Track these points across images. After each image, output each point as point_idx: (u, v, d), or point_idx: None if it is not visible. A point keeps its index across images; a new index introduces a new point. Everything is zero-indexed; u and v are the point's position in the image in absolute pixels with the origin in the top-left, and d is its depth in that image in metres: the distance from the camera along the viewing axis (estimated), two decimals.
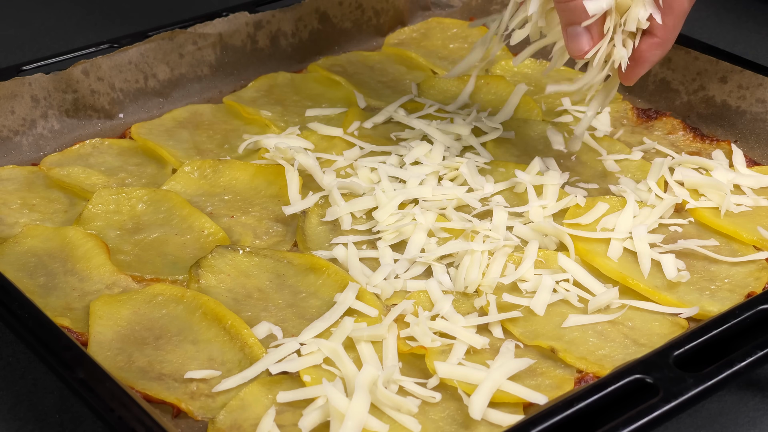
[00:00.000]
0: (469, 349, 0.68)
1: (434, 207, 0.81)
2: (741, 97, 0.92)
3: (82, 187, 0.86)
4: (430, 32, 1.12)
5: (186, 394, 0.65)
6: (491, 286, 0.73)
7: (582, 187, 0.86)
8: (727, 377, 0.59)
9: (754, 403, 0.69)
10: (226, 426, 0.63)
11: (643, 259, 0.76)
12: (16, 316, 0.64)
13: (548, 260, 0.76)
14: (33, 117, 0.93)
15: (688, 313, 0.71)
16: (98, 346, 0.69)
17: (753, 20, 1.23)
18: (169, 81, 1.00)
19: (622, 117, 0.96)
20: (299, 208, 0.82)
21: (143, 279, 0.76)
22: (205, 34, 1.01)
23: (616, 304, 0.72)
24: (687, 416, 0.68)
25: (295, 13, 1.07)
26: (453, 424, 0.63)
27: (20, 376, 0.72)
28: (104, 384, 0.59)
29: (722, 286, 0.74)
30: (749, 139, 0.91)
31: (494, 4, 1.13)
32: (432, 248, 0.77)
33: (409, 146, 0.89)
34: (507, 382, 0.64)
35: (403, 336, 0.69)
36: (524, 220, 0.80)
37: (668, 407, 0.57)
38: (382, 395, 0.63)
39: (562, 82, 0.86)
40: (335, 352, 0.67)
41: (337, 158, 0.89)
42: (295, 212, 0.82)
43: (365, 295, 0.72)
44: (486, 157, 0.89)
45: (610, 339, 0.69)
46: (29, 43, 1.18)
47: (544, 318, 0.71)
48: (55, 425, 0.68)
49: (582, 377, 0.66)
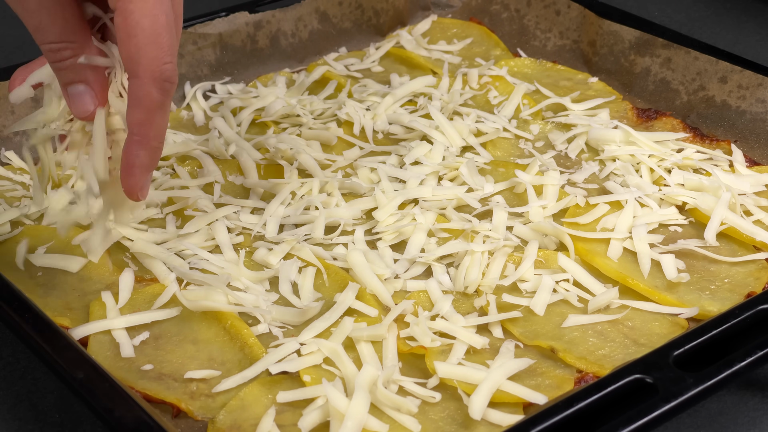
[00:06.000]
0: (469, 349, 0.68)
1: (434, 207, 0.81)
2: (741, 97, 0.92)
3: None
4: (430, 32, 1.12)
5: (186, 394, 0.65)
6: (491, 286, 0.73)
7: (582, 187, 0.86)
8: (727, 377, 0.59)
9: (754, 403, 0.69)
10: (226, 426, 0.63)
11: (643, 259, 0.76)
12: (16, 316, 0.64)
13: (548, 260, 0.76)
14: None
15: (688, 313, 0.71)
16: (98, 345, 0.69)
17: (753, 20, 1.23)
18: None
19: (622, 117, 0.96)
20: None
21: (143, 279, 0.76)
22: (205, 34, 1.01)
23: (616, 304, 0.72)
24: (687, 416, 0.68)
25: (295, 13, 1.07)
26: (453, 424, 0.63)
27: (20, 376, 0.72)
28: (104, 384, 0.59)
29: (722, 286, 0.74)
30: (749, 139, 0.91)
31: (494, 4, 1.13)
32: (432, 248, 0.77)
33: (409, 146, 0.89)
34: (507, 382, 0.64)
35: (403, 336, 0.69)
36: (524, 220, 0.80)
37: (668, 407, 0.57)
38: (382, 395, 0.63)
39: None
40: (335, 352, 0.67)
41: (337, 158, 0.89)
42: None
43: (365, 295, 0.72)
44: (486, 157, 0.89)
45: (610, 339, 0.69)
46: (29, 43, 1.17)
47: (544, 318, 0.71)
48: (55, 425, 0.68)
49: (582, 377, 0.66)
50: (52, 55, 0.63)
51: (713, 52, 0.95)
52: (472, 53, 1.09)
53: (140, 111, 0.61)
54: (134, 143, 0.63)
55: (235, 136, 0.91)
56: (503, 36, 1.11)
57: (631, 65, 1.00)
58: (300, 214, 0.81)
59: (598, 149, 0.90)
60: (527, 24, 1.10)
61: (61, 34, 0.62)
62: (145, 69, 0.60)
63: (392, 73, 1.03)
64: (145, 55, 0.60)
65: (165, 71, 0.60)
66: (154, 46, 0.59)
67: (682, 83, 0.96)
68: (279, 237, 0.79)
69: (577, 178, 0.86)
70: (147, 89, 0.61)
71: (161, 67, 0.60)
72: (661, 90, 0.98)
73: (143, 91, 0.61)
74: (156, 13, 0.59)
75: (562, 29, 1.07)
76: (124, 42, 0.60)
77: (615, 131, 0.90)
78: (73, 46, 0.63)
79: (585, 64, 1.05)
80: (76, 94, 0.64)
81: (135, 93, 0.61)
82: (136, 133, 0.62)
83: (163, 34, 0.59)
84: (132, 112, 0.62)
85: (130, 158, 0.63)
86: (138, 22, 0.59)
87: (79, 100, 0.65)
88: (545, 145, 0.92)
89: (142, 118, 0.62)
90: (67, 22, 0.62)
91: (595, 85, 1.01)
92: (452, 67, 1.05)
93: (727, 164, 0.88)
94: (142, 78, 0.60)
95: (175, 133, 0.92)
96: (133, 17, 0.59)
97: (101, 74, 0.65)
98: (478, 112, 0.95)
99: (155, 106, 0.61)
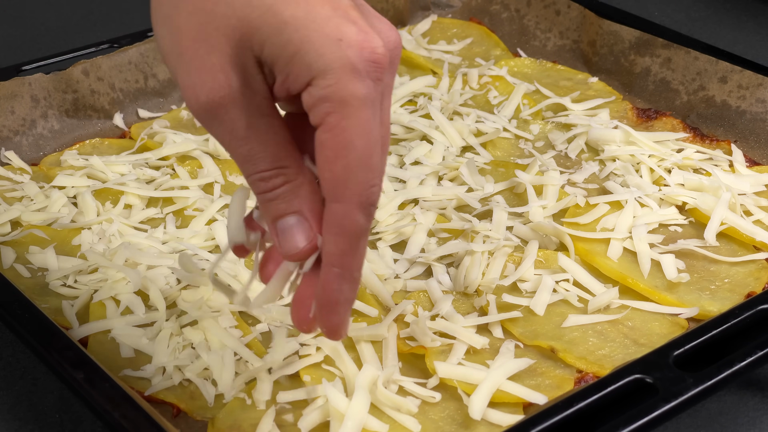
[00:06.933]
0: (469, 349, 0.68)
1: (434, 207, 0.81)
2: (741, 97, 0.92)
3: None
4: (430, 32, 1.12)
5: (186, 394, 0.65)
6: (491, 286, 0.73)
7: (582, 187, 0.86)
8: (726, 377, 0.59)
9: (754, 403, 0.69)
10: (226, 426, 0.63)
11: (643, 259, 0.76)
12: (16, 316, 0.64)
13: (548, 260, 0.76)
14: (33, 117, 0.93)
15: (688, 313, 0.71)
16: (98, 345, 0.69)
17: (753, 20, 1.23)
18: (169, 81, 1.00)
19: (622, 117, 0.96)
20: None
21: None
22: None
23: (616, 304, 0.72)
24: (687, 416, 0.68)
25: None
26: (453, 424, 0.63)
27: (20, 376, 0.72)
28: (104, 384, 0.59)
29: (722, 286, 0.74)
30: (749, 139, 0.91)
31: (494, 4, 1.13)
32: (432, 248, 0.77)
33: (409, 146, 0.89)
34: (507, 382, 0.64)
35: (403, 336, 0.69)
36: (524, 220, 0.80)
37: (668, 407, 0.57)
38: (382, 395, 0.63)
39: None
40: (336, 352, 0.67)
41: None
42: None
43: (365, 295, 0.72)
44: (486, 157, 0.89)
45: (610, 339, 0.69)
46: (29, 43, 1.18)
47: (544, 318, 0.71)
48: (55, 425, 0.68)
49: (582, 377, 0.66)
50: (262, 185, 0.54)
51: (713, 52, 0.95)
52: (472, 53, 1.09)
53: (343, 240, 0.53)
54: (336, 277, 0.54)
55: None
56: (503, 36, 1.11)
57: (631, 65, 1.00)
58: None
59: (598, 149, 0.90)
60: (527, 24, 1.10)
61: (273, 161, 0.54)
62: (352, 193, 0.52)
63: None
64: (354, 178, 0.52)
65: (372, 195, 0.53)
66: (365, 168, 0.52)
67: (682, 83, 0.96)
68: None
69: (577, 178, 0.86)
70: (353, 216, 0.52)
71: (369, 191, 0.52)
72: (661, 90, 0.98)
73: (349, 218, 0.52)
74: (369, 131, 0.51)
75: (562, 29, 1.07)
76: (330, 161, 0.51)
77: (615, 131, 0.90)
78: (286, 172, 0.54)
79: (585, 64, 1.05)
80: (287, 229, 0.55)
81: (338, 220, 0.53)
82: (337, 265, 0.54)
83: (374, 155, 0.52)
84: (333, 240, 0.53)
85: (332, 294, 0.55)
86: (351, 142, 0.51)
87: (289, 235, 0.55)
88: (545, 145, 0.92)
89: (345, 248, 0.53)
90: (279, 147, 0.54)
91: (595, 85, 1.01)
92: (452, 67, 1.05)
93: (727, 164, 0.88)
94: (348, 203, 0.52)
95: (175, 133, 0.92)
96: (345, 135, 0.51)
97: (317, 202, 0.55)
98: (478, 112, 0.95)
99: (360, 233, 0.53)
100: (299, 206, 0.55)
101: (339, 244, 0.53)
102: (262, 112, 0.53)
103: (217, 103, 0.52)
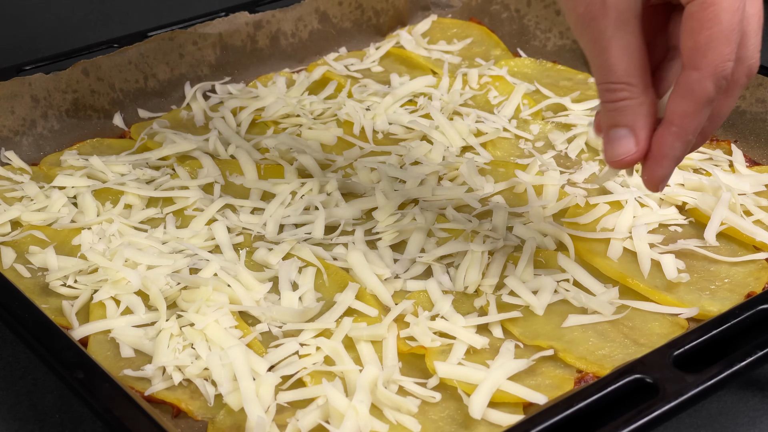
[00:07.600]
0: (469, 349, 0.68)
1: (434, 207, 0.81)
2: (741, 97, 0.92)
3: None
4: (430, 32, 1.12)
5: (186, 394, 0.65)
6: (491, 286, 0.73)
7: (582, 187, 0.86)
8: (727, 377, 0.59)
9: (754, 403, 0.69)
10: (226, 426, 0.63)
11: (643, 259, 0.76)
12: (16, 316, 0.64)
13: (548, 260, 0.76)
14: (33, 117, 0.93)
15: (688, 313, 0.71)
16: (98, 345, 0.69)
17: None
18: (169, 81, 1.00)
19: None
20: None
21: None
22: (205, 34, 1.01)
23: (616, 304, 0.72)
24: (687, 416, 0.68)
25: (295, 13, 1.07)
26: (453, 424, 0.63)
27: (20, 376, 0.72)
28: (104, 384, 0.59)
29: (722, 286, 0.74)
30: (749, 139, 0.91)
31: (494, 4, 1.13)
32: (432, 248, 0.77)
33: (409, 146, 0.89)
34: (507, 382, 0.64)
35: (403, 336, 0.69)
36: (524, 220, 0.80)
37: (668, 407, 0.57)
38: (382, 395, 0.63)
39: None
40: (336, 351, 0.67)
41: (337, 158, 0.89)
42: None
43: (365, 295, 0.72)
44: (486, 157, 0.89)
45: (610, 339, 0.69)
46: (29, 43, 1.18)
47: (543, 318, 0.71)
48: (55, 425, 0.68)
49: (582, 377, 0.66)
50: (607, 94, 0.62)
51: None
52: (472, 53, 1.09)
53: (689, 102, 0.60)
54: (671, 134, 0.61)
55: (235, 136, 0.92)
56: (503, 36, 1.11)
57: None
58: (300, 214, 0.81)
59: (598, 149, 0.90)
60: (527, 24, 1.10)
61: (622, 75, 0.61)
62: (709, 62, 0.58)
63: (392, 73, 1.03)
64: (714, 48, 0.58)
65: (726, 68, 0.59)
66: (725, 42, 0.58)
67: None
68: (279, 237, 0.79)
69: (577, 178, 0.86)
70: (704, 82, 0.59)
71: (724, 64, 0.59)
72: None
73: (700, 84, 0.59)
74: (735, 10, 0.58)
75: (562, 29, 1.07)
76: (694, 31, 0.58)
77: None
78: (631, 89, 0.61)
79: (585, 64, 1.05)
80: (616, 138, 0.62)
81: (689, 84, 0.59)
82: (677, 124, 0.61)
83: (734, 33, 0.58)
84: (679, 102, 0.60)
85: (664, 148, 0.61)
86: (717, 15, 0.57)
87: (617, 143, 0.62)
88: (545, 145, 0.92)
89: (688, 110, 0.60)
90: (631, 64, 0.61)
91: (595, 85, 1.01)
92: (452, 67, 1.05)
93: (727, 164, 0.88)
94: (703, 70, 0.59)
95: (175, 133, 0.92)
96: (712, 9, 0.57)
97: (651, 124, 0.62)
98: (478, 112, 0.95)
99: (706, 100, 0.59)
100: (633, 122, 0.62)
101: (684, 105, 0.60)
102: (626, 29, 0.60)
103: (591, 15, 0.60)
